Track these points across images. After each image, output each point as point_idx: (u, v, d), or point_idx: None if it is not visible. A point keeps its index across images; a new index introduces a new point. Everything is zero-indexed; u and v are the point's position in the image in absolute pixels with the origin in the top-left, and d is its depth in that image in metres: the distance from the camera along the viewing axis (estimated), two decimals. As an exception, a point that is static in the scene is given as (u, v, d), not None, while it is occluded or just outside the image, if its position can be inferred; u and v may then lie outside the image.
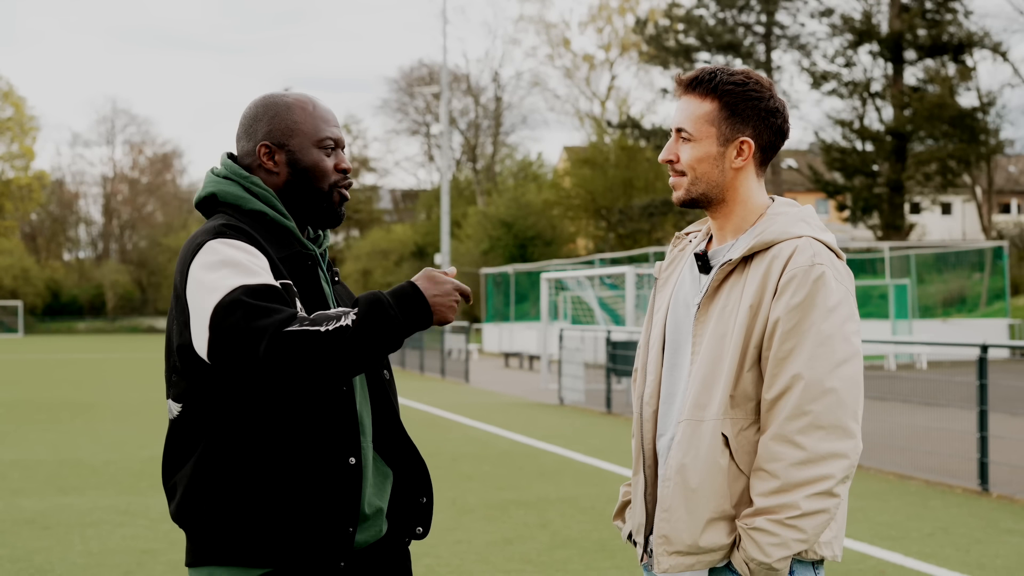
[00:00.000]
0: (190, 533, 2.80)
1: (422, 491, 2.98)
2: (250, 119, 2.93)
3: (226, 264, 2.67)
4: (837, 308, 2.68)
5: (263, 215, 2.85)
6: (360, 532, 2.83)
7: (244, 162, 2.94)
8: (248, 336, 2.56)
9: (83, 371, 31.28)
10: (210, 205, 2.91)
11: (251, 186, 2.87)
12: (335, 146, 2.93)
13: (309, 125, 2.90)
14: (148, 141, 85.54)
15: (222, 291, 2.62)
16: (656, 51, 50.25)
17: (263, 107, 2.93)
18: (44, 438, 14.68)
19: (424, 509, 2.98)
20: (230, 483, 2.72)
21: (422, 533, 2.99)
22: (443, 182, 44.16)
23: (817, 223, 2.81)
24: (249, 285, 2.62)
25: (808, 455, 2.63)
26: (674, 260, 2.99)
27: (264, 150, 2.90)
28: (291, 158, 2.89)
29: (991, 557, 7.82)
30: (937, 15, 44.90)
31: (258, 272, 2.67)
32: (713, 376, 2.74)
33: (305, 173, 2.89)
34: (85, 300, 77.52)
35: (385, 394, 2.95)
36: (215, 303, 2.61)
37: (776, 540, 2.63)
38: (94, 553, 7.88)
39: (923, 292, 35.59)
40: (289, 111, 2.91)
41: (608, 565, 7.50)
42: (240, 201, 2.86)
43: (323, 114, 2.93)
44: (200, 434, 2.75)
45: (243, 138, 2.94)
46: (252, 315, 2.58)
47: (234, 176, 2.89)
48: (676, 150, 2.85)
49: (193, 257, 2.72)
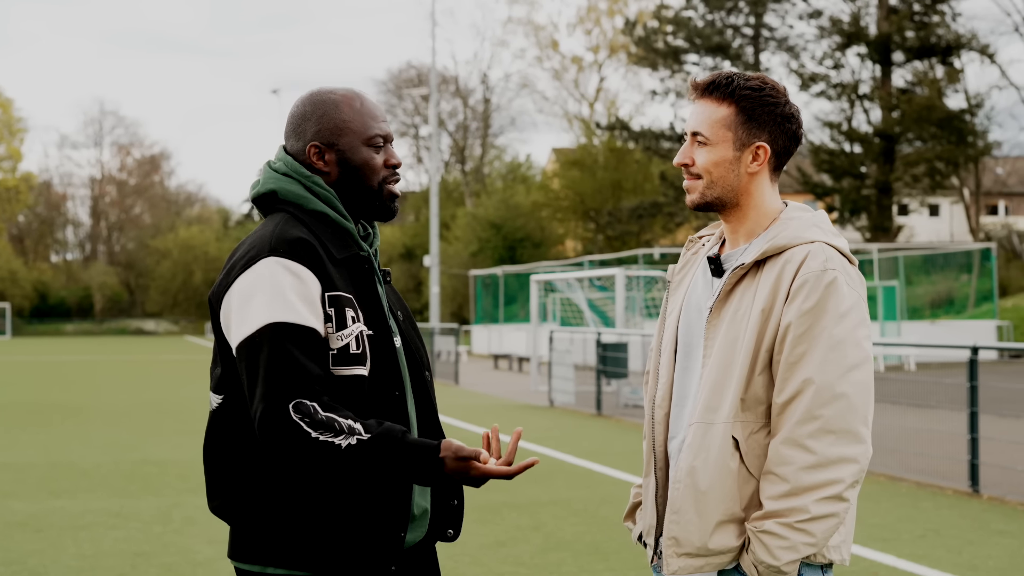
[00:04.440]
0: (238, 528, 2.80)
1: (454, 493, 2.98)
2: (299, 118, 2.92)
3: (270, 290, 2.70)
4: (849, 313, 2.69)
5: (325, 216, 2.85)
6: (408, 533, 2.85)
7: (298, 160, 2.92)
8: (263, 382, 2.64)
9: (72, 373, 31.20)
10: (269, 201, 2.90)
11: (313, 186, 2.87)
12: (384, 142, 2.94)
13: (358, 123, 2.90)
14: (136, 143, 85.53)
15: (255, 323, 2.68)
16: (645, 53, 50.25)
17: (311, 105, 2.91)
18: (34, 440, 14.64)
19: (456, 511, 2.98)
20: (282, 483, 2.74)
21: (453, 535, 2.99)
22: (432, 184, 44.13)
23: (830, 228, 2.82)
24: (281, 323, 2.66)
25: (818, 459, 2.64)
26: (687, 263, 3.00)
27: (314, 150, 2.89)
28: (341, 157, 2.89)
29: (983, 558, 7.85)
30: (925, 17, 44.99)
31: (296, 308, 2.69)
32: (724, 379, 2.75)
33: (356, 171, 2.89)
34: (73, 302, 77.38)
35: (428, 396, 2.97)
36: (247, 333, 2.68)
37: (785, 543, 2.64)
38: (87, 556, 7.87)
39: (911, 294, 35.68)
40: (337, 109, 2.89)
41: (602, 567, 7.51)
42: (302, 201, 2.85)
43: (371, 110, 2.93)
44: (245, 429, 2.77)
45: (292, 137, 2.93)
46: (274, 360, 2.64)
47: (295, 174, 2.88)
48: (692, 154, 2.85)
49: (245, 270, 2.75)
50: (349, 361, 2.74)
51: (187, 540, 8.29)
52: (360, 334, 2.77)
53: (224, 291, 2.77)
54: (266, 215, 2.91)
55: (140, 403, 20.31)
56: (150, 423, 16.62)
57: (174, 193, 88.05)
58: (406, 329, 2.97)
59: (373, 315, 2.82)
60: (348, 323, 2.75)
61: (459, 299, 54.83)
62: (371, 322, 2.81)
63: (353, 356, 2.75)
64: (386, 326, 2.83)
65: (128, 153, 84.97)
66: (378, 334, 2.81)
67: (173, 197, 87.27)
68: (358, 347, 2.76)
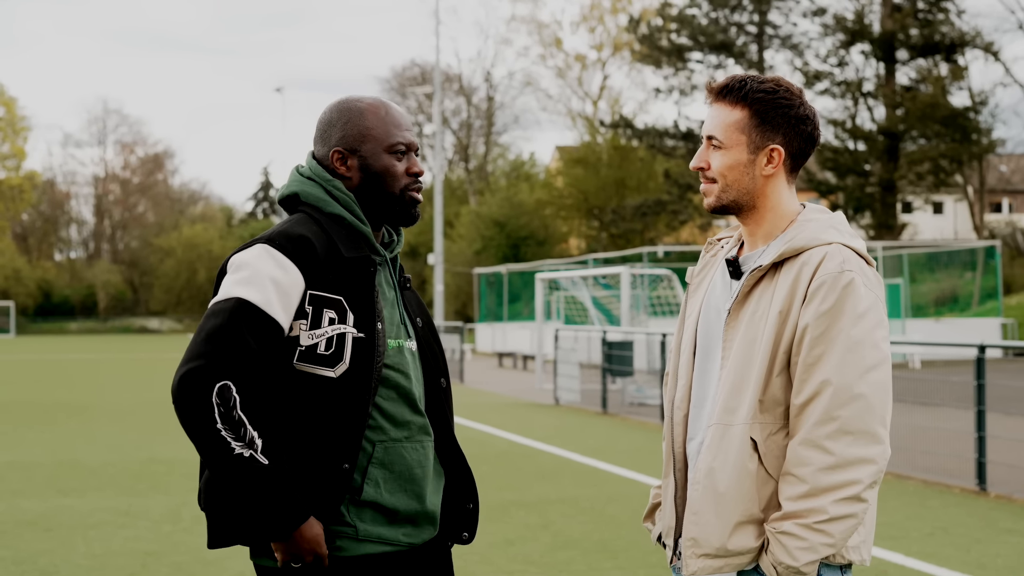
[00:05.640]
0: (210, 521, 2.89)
1: (469, 497, 3.02)
2: (325, 124, 3.00)
3: (250, 271, 2.78)
4: (866, 314, 2.70)
5: (342, 219, 2.92)
6: (420, 531, 2.89)
7: (323, 165, 3.00)
8: (193, 345, 2.73)
9: (76, 372, 31.24)
10: (292, 203, 2.99)
11: (333, 189, 2.94)
12: (407, 150, 2.98)
13: (381, 130, 2.95)
14: (139, 141, 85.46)
15: (225, 293, 2.77)
16: (649, 51, 50.26)
17: (337, 112, 2.99)
18: (40, 439, 14.66)
19: (471, 515, 3.03)
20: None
21: (468, 538, 3.03)
22: (436, 182, 44.14)
23: (847, 229, 2.83)
24: (246, 303, 2.73)
25: (836, 460, 2.65)
26: (706, 265, 3.01)
27: (337, 155, 2.96)
28: (363, 163, 2.96)
29: (992, 556, 7.85)
30: (929, 15, 44.98)
31: (268, 296, 2.75)
32: (743, 381, 2.76)
33: (376, 177, 2.95)
34: (77, 300, 77.38)
35: (442, 402, 3.05)
36: (216, 300, 2.79)
37: (804, 544, 2.65)
38: (98, 555, 7.88)
39: (916, 291, 35.66)
40: (362, 117, 2.96)
41: (610, 566, 7.52)
42: (321, 203, 2.93)
43: (396, 119, 2.98)
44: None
45: (319, 142, 3.01)
46: (222, 330, 2.71)
47: (317, 178, 2.96)
48: (707, 157, 2.87)
49: (239, 251, 2.86)
50: (314, 360, 2.79)
51: (197, 539, 8.30)
52: (336, 337, 2.79)
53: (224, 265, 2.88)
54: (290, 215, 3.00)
55: (145, 401, 20.33)
56: (156, 421, 16.64)
57: (178, 191, 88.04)
58: (424, 336, 3.00)
59: (366, 319, 2.85)
60: (323, 324, 2.79)
61: (463, 297, 54.83)
62: (362, 326, 2.83)
63: (319, 356, 2.79)
64: (375, 331, 2.85)
65: (132, 151, 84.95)
66: (368, 338, 2.83)
67: (177, 195, 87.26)
68: (328, 349, 2.79)
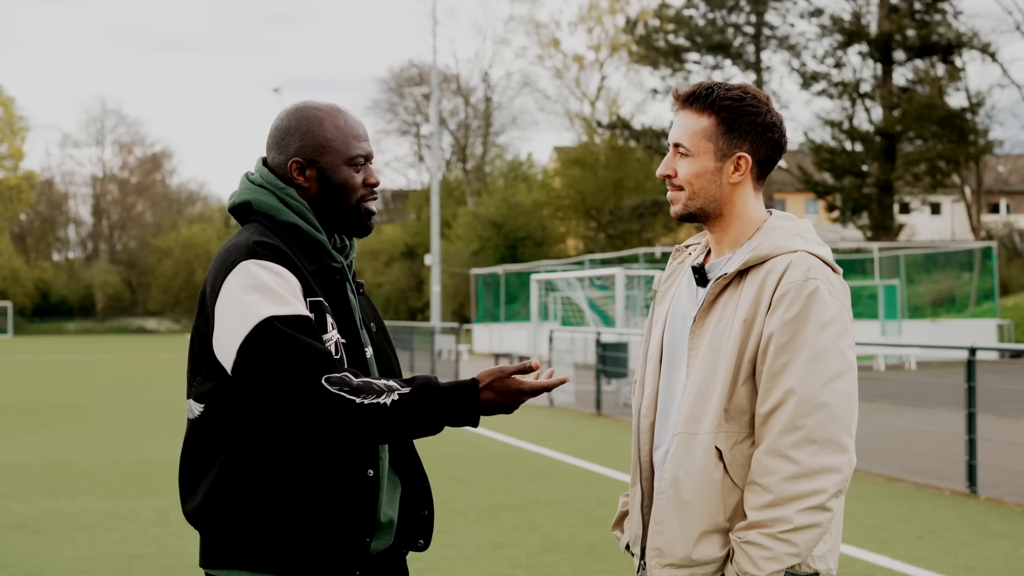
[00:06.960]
0: (208, 535, 2.83)
1: (424, 504, 3.02)
2: (283, 132, 2.95)
3: (258, 288, 2.72)
4: (831, 323, 2.69)
5: (296, 228, 2.89)
6: (374, 541, 2.88)
7: (277, 172, 2.96)
8: (286, 369, 2.65)
9: (73, 372, 31.21)
10: (244, 212, 2.94)
11: (286, 197, 2.90)
12: (365, 161, 2.96)
13: (340, 142, 2.92)
14: (138, 141, 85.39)
15: (253, 319, 2.69)
16: (646, 51, 50.27)
17: (296, 120, 2.94)
18: (33, 440, 14.65)
19: (426, 522, 3.02)
20: (253, 490, 2.76)
21: (423, 545, 3.02)
22: (433, 182, 44.14)
23: (813, 237, 2.82)
24: (280, 316, 2.69)
25: (801, 469, 2.64)
26: (673, 272, 3.00)
27: (295, 166, 2.92)
28: (322, 175, 2.92)
29: (979, 560, 7.84)
30: (926, 16, 44.97)
31: (289, 300, 2.72)
32: (708, 389, 2.75)
33: (336, 189, 2.92)
34: (75, 301, 77.35)
35: None
36: (247, 331, 2.68)
37: (769, 554, 2.63)
38: (84, 558, 7.87)
39: (912, 292, 35.66)
40: (321, 127, 2.92)
41: (597, 569, 7.51)
42: (274, 212, 2.89)
43: (354, 129, 2.95)
44: (223, 438, 2.80)
45: (274, 149, 2.96)
46: (289, 347, 2.66)
47: (270, 185, 2.92)
48: (674, 165, 2.86)
49: (227, 275, 2.76)
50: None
51: (184, 542, 8.29)
52: (336, 342, 2.81)
53: (216, 295, 2.77)
54: (242, 224, 2.95)
55: (140, 403, 20.31)
56: (150, 423, 16.63)
57: (176, 192, 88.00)
58: (378, 340, 3.00)
59: (346, 325, 2.86)
60: (328, 328, 2.80)
61: (460, 298, 54.82)
62: (344, 331, 2.85)
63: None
64: (358, 336, 2.88)
65: (130, 152, 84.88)
66: (351, 343, 2.85)
67: (175, 196, 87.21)
68: (336, 353, 2.80)
